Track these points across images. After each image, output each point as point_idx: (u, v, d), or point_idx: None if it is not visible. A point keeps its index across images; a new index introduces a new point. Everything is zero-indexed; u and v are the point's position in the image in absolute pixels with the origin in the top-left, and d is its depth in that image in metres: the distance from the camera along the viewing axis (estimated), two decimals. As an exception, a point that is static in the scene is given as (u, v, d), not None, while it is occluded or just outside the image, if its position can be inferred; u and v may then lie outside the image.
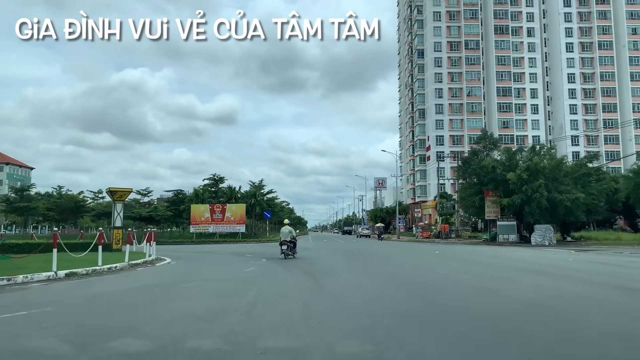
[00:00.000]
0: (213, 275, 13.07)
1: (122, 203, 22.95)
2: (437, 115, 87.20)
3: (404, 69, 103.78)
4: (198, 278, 12.16)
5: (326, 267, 15.30)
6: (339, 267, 15.62)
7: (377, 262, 18.76)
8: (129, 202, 51.17)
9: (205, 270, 14.38)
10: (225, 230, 47.23)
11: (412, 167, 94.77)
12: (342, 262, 18.07)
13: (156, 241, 44.15)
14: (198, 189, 49.77)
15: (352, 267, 16.08)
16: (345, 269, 14.85)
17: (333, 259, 20.31)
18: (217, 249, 29.02)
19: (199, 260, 19.31)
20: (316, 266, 15.63)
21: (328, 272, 13.39)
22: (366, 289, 10.13)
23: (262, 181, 51.90)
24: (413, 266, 16.92)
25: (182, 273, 13.18)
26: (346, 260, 19.05)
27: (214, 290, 9.84)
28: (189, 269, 15.00)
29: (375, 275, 13.18)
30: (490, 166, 42.10)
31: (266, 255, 22.25)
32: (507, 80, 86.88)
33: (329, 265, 16.43)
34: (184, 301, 8.27)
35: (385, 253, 25.31)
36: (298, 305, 7.57)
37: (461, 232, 58.52)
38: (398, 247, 33.73)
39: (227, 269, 14.39)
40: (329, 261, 18.54)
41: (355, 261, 19.15)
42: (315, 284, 10.52)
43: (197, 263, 17.34)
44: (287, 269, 14.31)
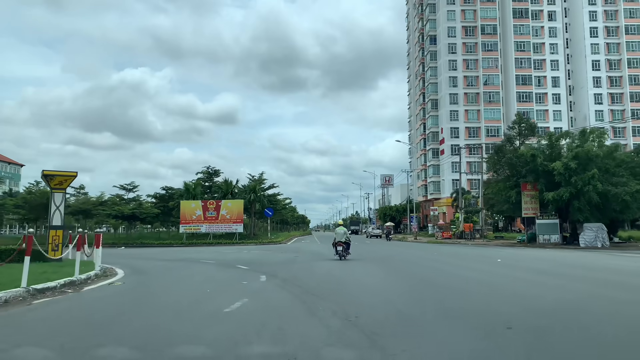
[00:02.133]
0: (151, 327, 6.55)
1: (63, 192, 16.68)
2: (452, 106, 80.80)
3: (414, 58, 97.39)
4: (116, 336, 5.66)
5: (374, 300, 8.89)
6: (393, 296, 9.20)
7: (443, 282, 12.35)
8: (112, 199, 44.94)
9: (153, 306, 7.86)
10: (220, 230, 40.93)
11: (424, 162, 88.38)
12: (389, 282, 11.66)
13: (141, 244, 37.82)
14: (189, 183, 43.41)
15: (416, 296, 9.66)
16: (407, 303, 8.45)
17: (369, 273, 13.96)
18: (205, 255, 22.69)
19: (164, 277, 12.94)
20: (349, 291, 9.29)
21: (391, 318, 6.98)
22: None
23: (262, 174, 45.67)
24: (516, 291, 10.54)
25: (96, 319, 6.69)
26: (391, 278, 12.69)
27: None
28: (128, 300, 8.60)
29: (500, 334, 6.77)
30: (529, 155, 35.85)
31: (268, 264, 15.98)
32: (526, 67, 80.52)
33: (372, 289, 10.06)
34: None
35: (430, 263, 18.88)
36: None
37: (485, 232, 52.22)
38: (431, 252, 27.36)
39: (194, 305, 7.89)
40: (366, 279, 12.18)
41: (409, 281, 12.73)
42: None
43: (156, 285, 10.93)
44: (302, 302, 7.93)
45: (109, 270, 14.19)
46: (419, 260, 19.66)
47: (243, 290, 9.34)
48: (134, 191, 45.11)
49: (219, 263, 17.20)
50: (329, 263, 17.16)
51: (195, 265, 16.27)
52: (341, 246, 17.99)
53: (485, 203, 51.27)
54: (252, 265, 15.89)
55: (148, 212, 42.59)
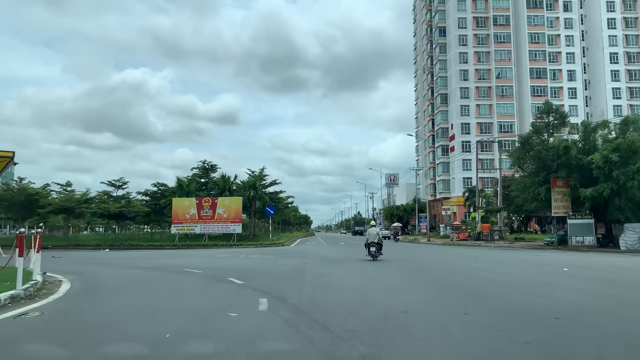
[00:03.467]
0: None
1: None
2: (462, 100, 76.83)
3: (422, 51, 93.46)
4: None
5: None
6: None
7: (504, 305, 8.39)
8: (99, 196, 41.01)
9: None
10: (217, 230, 37.04)
11: (432, 159, 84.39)
12: (456, 308, 7.71)
13: (129, 246, 33.91)
14: (182, 178, 39.47)
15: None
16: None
17: (414, 289, 10.05)
18: (194, 261, 18.80)
19: (119, 299, 8.96)
20: (412, 336, 5.36)
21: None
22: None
23: (263, 170, 41.65)
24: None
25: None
26: (455, 300, 8.74)
27: None
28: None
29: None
30: (562, 147, 31.93)
31: (270, 276, 12.11)
32: (541, 60, 76.49)
33: (447, 333, 6.06)
34: None
35: (479, 273, 14.95)
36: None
37: (504, 233, 48.26)
38: (460, 256, 23.41)
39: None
40: (418, 305, 8.23)
41: (482, 303, 8.76)
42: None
43: (92, 318, 6.98)
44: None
45: (52, 284, 10.30)
46: (460, 268, 15.71)
47: (227, 336, 5.38)
48: (123, 188, 41.16)
49: (207, 273, 13.26)
50: (350, 272, 13.26)
51: (175, 278, 12.34)
52: (374, 247, 18.49)
53: (502, 202, 47.33)
54: (250, 277, 11.98)
55: (137, 210, 38.64)
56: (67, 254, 26.37)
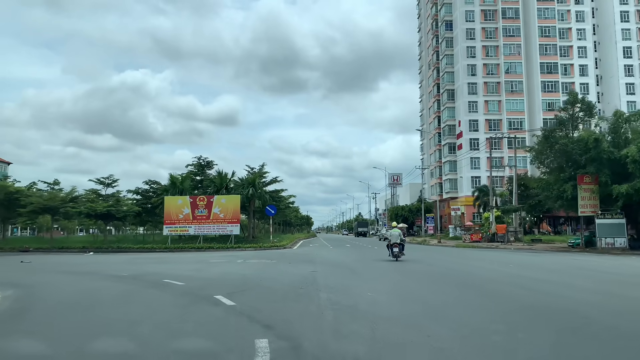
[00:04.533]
0: None
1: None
2: (470, 96, 73.86)
3: (426, 47, 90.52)
4: None
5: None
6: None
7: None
8: (87, 194, 37.99)
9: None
10: (212, 231, 34.05)
11: (438, 158, 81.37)
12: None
13: (117, 249, 30.96)
14: (175, 175, 36.40)
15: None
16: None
17: (470, 311, 7.02)
18: (180, 268, 15.85)
19: (46, 330, 5.91)
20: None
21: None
22: None
23: (263, 167, 38.63)
24: None
25: None
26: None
27: None
28: None
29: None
30: (591, 139, 29.00)
31: (271, 293, 9.12)
32: (552, 54, 73.46)
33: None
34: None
35: (527, 282, 11.98)
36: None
37: (519, 235, 45.29)
38: (485, 260, 20.42)
39: None
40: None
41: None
42: None
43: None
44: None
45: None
46: (506, 277, 12.73)
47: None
48: (113, 186, 38.03)
49: (189, 287, 10.25)
50: (376, 286, 10.31)
51: (143, 296, 9.33)
52: (397, 247, 19.15)
53: (517, 201, 44.32)
54: (244, 293, 8.99)
55: (127, 210, 35.62)
56: (42, 259, 23.45)
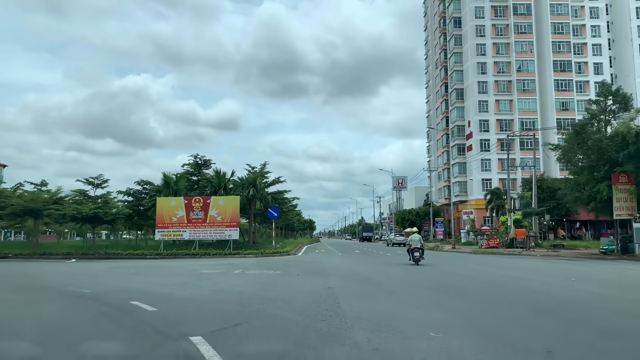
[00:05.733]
0: None
1: None
2: (480, 95, 70.85)
3: (433, 45, 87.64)
4: None
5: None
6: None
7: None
8: (75, 195, 34.91)
9: None
10: (209, 236, 30.98)
11: (447, 159, 78.26)
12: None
13: (105, 255, 27.91)
14: (169, 175, 33.32)
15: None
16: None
17: None
18: (159, 283, 12.82)
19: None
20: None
21: None
22: None
23: (264, 165, 35.56)
24: None
25: None
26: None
27: None
28: None
29: None
30: (632, 134, 26.00)
31: (278, 333, 5.99)
32: (565, 52, 70.48)
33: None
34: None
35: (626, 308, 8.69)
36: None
37: (540, 240, 42.18)
38: (523, 269, 17.33)
39: None
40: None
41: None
42: None
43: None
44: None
45: None
46: (576, 296, 9.63)
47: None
48: (103, 187, 34.88)
49: (158, 318, 7.16)
50: (426, 315, 7.23)
51: (82, 335, 6.24)
52: (417, 252, 19.87)
53: (536, 204, 41.23)
54: (237, 334, 5.92)
55: (116, 212, 32.55)
56: (12, 267, 20.47)
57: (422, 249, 20.20)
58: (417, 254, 19.75)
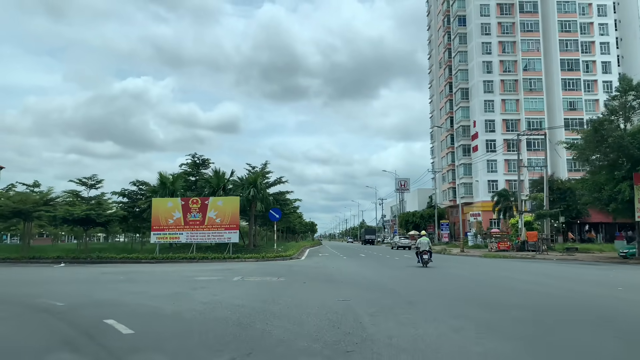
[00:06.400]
0: None
1: None
2: (486, 95, 69.35)
3: (437, 45, 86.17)
4: None
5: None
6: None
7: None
8: (67, 196, 33.27)
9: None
10: (207, 239, 29.35)
11: (451, 160, 76.68)
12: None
13: (97, 259, 26.25)
14: (165, 174, 31.70)
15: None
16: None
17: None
18: (147, 292, 11.22)
19: None
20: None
21: None
22: None
23: (265, 165, 33.95)
24: None
25: None
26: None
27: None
28: None
29: None
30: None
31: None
32: (573, 50, 68.98)
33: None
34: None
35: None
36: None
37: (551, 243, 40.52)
38: (554, 276, 15.69)
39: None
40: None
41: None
42: None
43: None
44: None
45: None
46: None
47: None
48: (96, 187, 33.23)
49: (132, 346, 5.55)
50: (480, 346, 5.60)
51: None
52: (426, 254, 20.49)
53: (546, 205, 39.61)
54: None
55: (110, 214, 30.91)
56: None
57: (430, 251, 20.90)
58: (425, 256, 20.39)
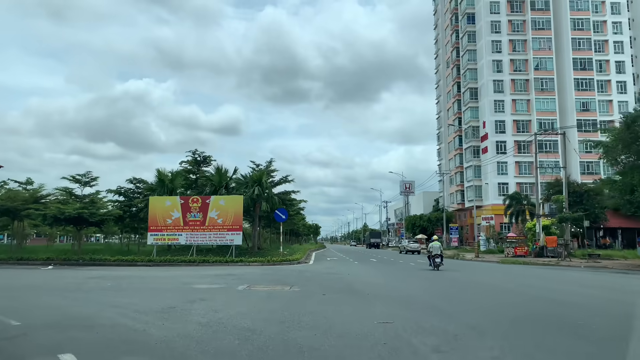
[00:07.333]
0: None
1: None
2: (496, 95, 67.29)
3: (444, 44, 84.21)
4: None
5: None
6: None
7: None
8: (60, 194, 31.17)
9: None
10: (208, 240, 27.22)
11: (459, 163, 74.59)
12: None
13: (90, 261, 24.14)
14: (164, 172, 29.66)
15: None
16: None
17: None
18: (131, 307, 9.21)
19: None
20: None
21: None
22: None
23: (270, 162, 31.92)
24: None
25: None
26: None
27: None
28: None
29: None
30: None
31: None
32: (585, 49, 66.84)
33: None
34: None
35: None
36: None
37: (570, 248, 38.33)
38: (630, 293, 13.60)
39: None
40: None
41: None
42: None
43: None
44: None
45: None
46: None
47: None
48: (91, 185, 31.11)
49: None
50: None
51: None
52: (438, 258, 21.44)
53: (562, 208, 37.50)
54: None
55: (104, 213, 28.86)
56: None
57: (442, 255, 21.90)
58: (438, 259, 21.38)
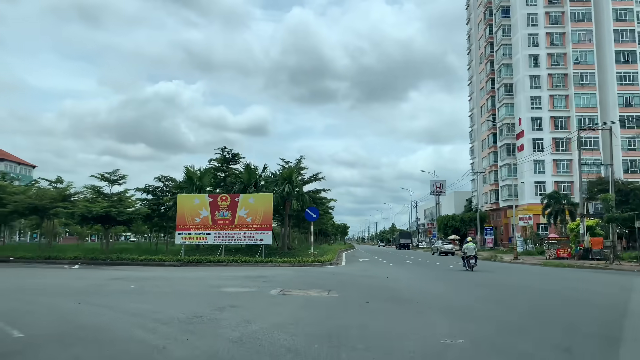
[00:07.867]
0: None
1: None
2: (533, 91, 64.59)
3: (477, 39, 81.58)
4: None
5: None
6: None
7: None
8: (88, 192, 30.84)
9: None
10: (237, 240, 26.27)
11: (494, 161, 72.02)
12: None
13: (117, 260, 23.33)
14: (192, 169, 28.94)
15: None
16: None
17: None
18: (149, 317, 8.23)
19: None
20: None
21: None
22: None
23: (300, 160, 30.83)
24: None
25: None
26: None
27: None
28: None
29: None
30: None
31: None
32: (629, 41, 63.44)
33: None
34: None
35: None
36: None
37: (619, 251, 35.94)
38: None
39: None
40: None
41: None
42: None
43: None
44: None
45: None
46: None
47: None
48: (119, 183, 30.69)
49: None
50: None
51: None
52: (472, 259, 21.87)
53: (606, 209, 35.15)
54: None
55: (132, 212, 28.32)
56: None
57: (476, 257, 22.34)
58: (472, 260, 21.84)
